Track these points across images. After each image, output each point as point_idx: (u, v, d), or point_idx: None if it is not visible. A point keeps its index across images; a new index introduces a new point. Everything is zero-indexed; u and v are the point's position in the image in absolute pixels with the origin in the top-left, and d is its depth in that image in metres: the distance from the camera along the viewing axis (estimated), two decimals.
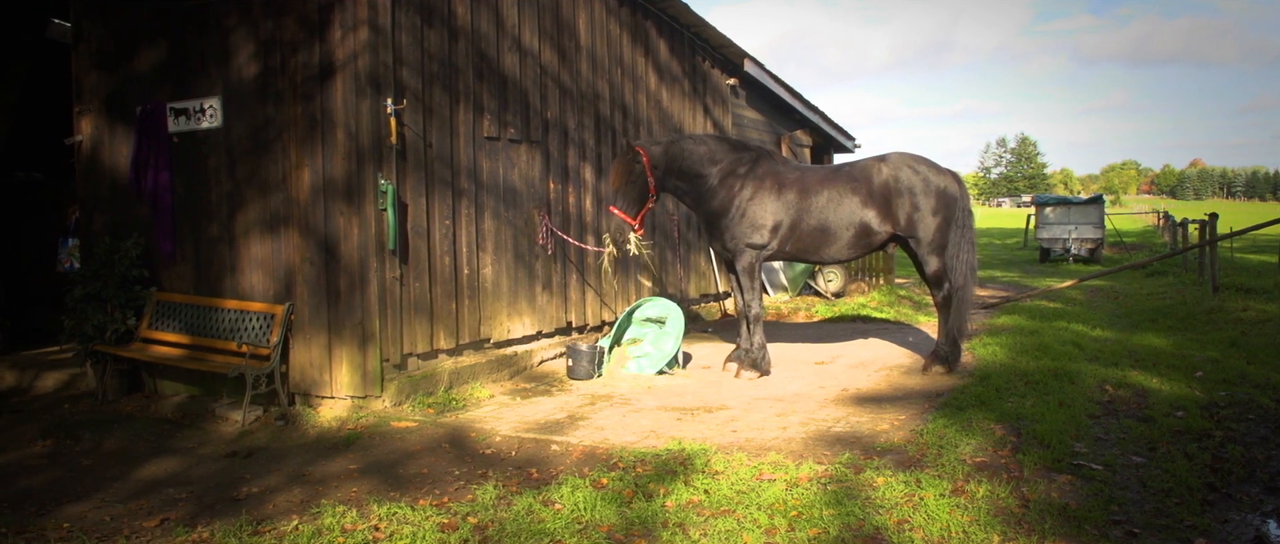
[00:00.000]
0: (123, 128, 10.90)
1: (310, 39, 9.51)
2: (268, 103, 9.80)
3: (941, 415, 8.40)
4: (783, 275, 18.47)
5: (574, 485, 6.83)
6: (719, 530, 5.93)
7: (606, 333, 12.35)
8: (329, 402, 9.54)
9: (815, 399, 9.55)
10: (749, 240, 10.50)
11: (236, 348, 9.76)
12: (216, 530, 6.34)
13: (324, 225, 9.49)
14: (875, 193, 10.45)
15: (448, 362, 10.30)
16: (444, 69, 10.17)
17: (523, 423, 8.87)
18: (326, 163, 9.45)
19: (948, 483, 6.58)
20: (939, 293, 10.62)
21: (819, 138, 22.16)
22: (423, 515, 6.42)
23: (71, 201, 13.70)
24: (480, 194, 10.68)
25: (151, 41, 10.65)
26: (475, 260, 10.61)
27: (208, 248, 10.36)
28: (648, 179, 10.23)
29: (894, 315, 15.82)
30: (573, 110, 12.33)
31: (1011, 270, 28.18)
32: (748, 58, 16.77)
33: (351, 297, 9.38)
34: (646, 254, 11.88)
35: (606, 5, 13.08)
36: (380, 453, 8.14)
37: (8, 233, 14.90)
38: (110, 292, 10.64)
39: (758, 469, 7.05)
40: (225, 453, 8.55)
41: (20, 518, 6.75)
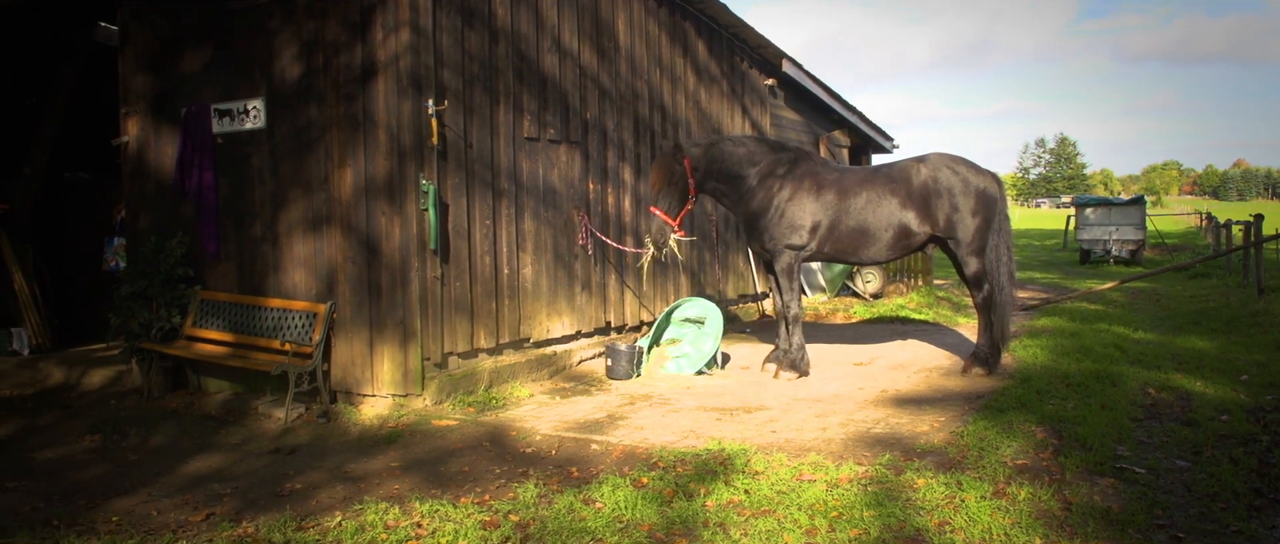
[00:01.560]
0: (168, 129, 11.05)
1: (352, 40, 9.60)
2: (310, 104, 9.91)
3: (982, 417, 8.36)
4: (821, 276, 18.43)
5: (614, 484, 6.87)
6: (760, 530, 5.94)
7: (645, 333, 12.38)
8: (370, 400, 9.62)
9: (854, 400, 9.53)
10: (788, 241, 10.50)
11: (279, 346, 9.86)
12: (261, 525, 6.41)
13: (366, 225, 9.58)
14: (914, 194, 10.42)
15: (488, 361, 10.36)
16: (484, 70, 10.23)
17: (562, 422, 8.92)
18: (368, 163, 9.54)
19: (989, 485, 6.56)
20: (979, 294, 10.57)
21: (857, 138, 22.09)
22: (464, 513, 6.46)
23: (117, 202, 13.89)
24: (520, 194, 10.74)
25: (197, 44, 10.78)
26: (515, 260, 10.67)
27: (251, 247, 10.48)
28: (688, 181, 10.26)
29: (933, 317, 15.74)
30: (612, 111, 12.37)
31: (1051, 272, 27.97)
32: (786, 58, 16.74)
33: (393, 295, 9.46)
34: (683, 256, 11.88)
35: (645, 6, 13.11)
36: (421, 451, 8.20)
37: (56, 232, 15.11)
38: (156, 290, 10.78)
39: (798, 470, 7.05)
40: (268, 449, 8.65)
41: (71, 511, 6.86)
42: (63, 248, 15.16)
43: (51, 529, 6.47)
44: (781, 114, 17.75)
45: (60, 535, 6.33)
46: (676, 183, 10.21)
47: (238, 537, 6.24)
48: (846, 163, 21.07)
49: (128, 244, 11.76)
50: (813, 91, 18.45)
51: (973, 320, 14.66)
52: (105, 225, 14.56)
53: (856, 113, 21.09)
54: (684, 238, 10.57)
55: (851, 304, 17.36)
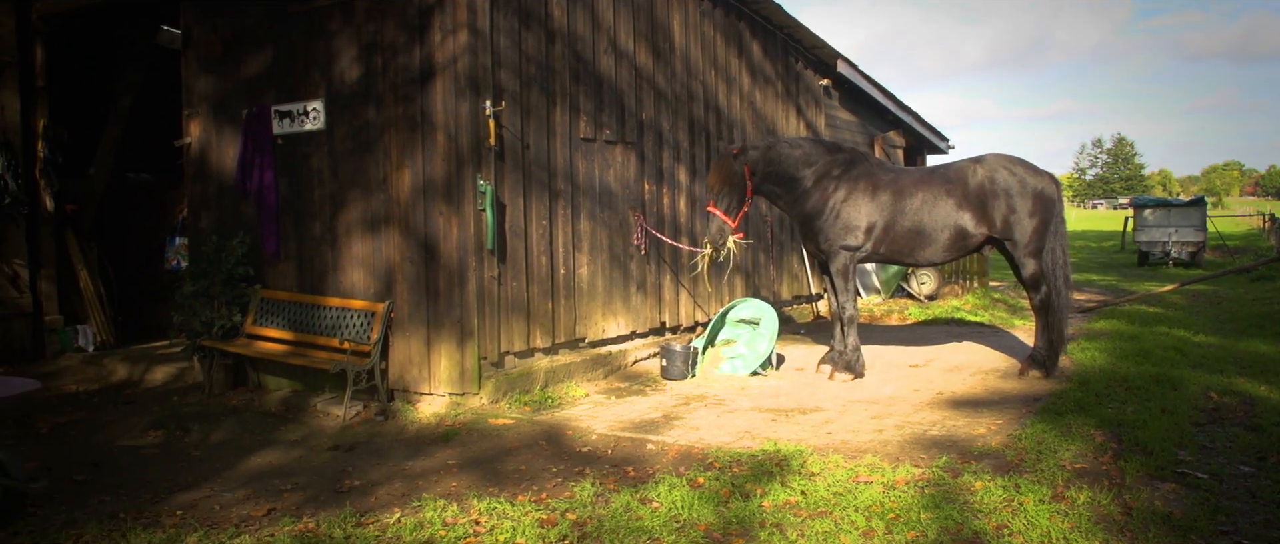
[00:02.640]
0: (229, 130, 11.21)
1: (411, 42, 9.69)
2: (369, 105, 10.01)
3: (1040, 420, 8.29)
4: (876, 277, 18.35)
5: (671, 484, 6.88)
6: (816, 532, 5.94)
7: (700, 333, 12.38)
8: (427, 398, 9.71)
9: (910, 402, 9.49)
10: (843, 242, 10.47)
11: (338, 344, 9.98)
12: (321, 521, 6.49)
13: (424, 225, 9.66)
14: (970, 195, 10.35)
15: (543, 360, 10.42)
16: (541, 71, 10.29)
17: (618, 422, 8.95)
18: (426, 164, 9.62)
19: (1047, 489, 6.50)
20: (1036, 296, 10.48)
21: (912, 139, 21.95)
22: (522, 511, 6.51)
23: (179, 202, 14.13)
24: (576, 195, 10.79)
25: (257, 46, 10.93)
26: (571, 260, 10.72)
27: (311, 247, 10.60)
28: (746, 182, 10.27)
29: (988, 319, 15.62)
30: (667, 112, 12.39)
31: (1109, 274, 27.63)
32: (841, 58, 16.69)
33: (450, 295, 9.54)
34: (738, 258, 11.86)
35: (701, 7, 13.12)
36: (478, 449, 8.27)
37: (120, 232, 15.37)
38: (217, 289, 10.94)
39: (854, 471, 7.04)
40: (327, 446, 8.75)
41: (136, 504, 6.97)
42: (126, 247, 15.41)
43: (118, 522, 6.59)
44: (836, 114, 17.69)
45: (127, 528, 6.45)
46: (734, 184, 10.23)
47: (299, 532, 6.31)
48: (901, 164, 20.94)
49: (189, 243, 11.94)
50: (867, 92, 18.37)
51: (1029, 323, 14.53)
52: (167, 225, 14.81)
53: (911, 113, 20.98)
54: (743, 240, 10.57)
55: (907, 306, 17.26)
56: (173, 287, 12.14)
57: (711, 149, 13.32)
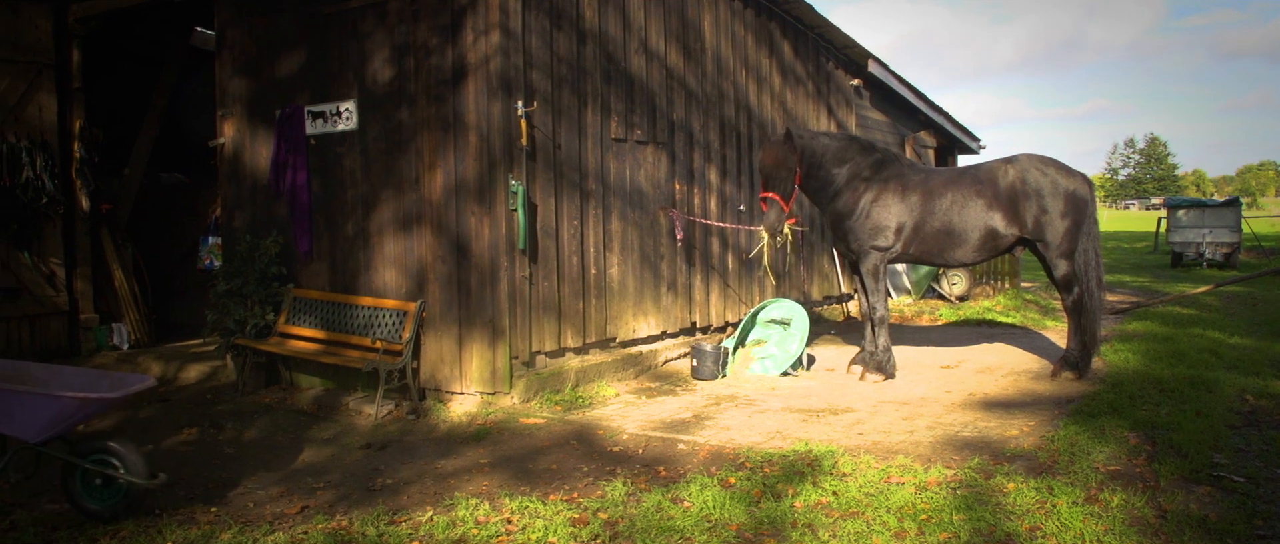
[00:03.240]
0: (263, 130, 11.29)
1: (443, 43, 9.74)
2: (402, 106, 10.06)
3: (1073, 422, 8.25)
4: (906, 278, 18.29)
5: (702, 484, 6.89)
6: (848, 532, 5.94)
7: (730, 333, 12.39)
8: (459, 397, 9.75)
9: (942, 403, 9.46)
10: (873, 242, 10.46)
11: (370, 343, 10.03)
12: (355, 519, 6.53)
13: (456, 225, 9.71)
14: (1001, 195, 10.31)
15: (574, 360, 10.44)
16: (572, 71, 10.32)
17: (649, 421, 8.96)
18: (459, 164, 9.67)
19: (1080, 491, 6.47)
20: (1068, 297, 10.42)
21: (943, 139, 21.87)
22: (553, 510, 6.53)
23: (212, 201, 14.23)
24: (607, 195, 10.81)
25: (291, 47, 11.01)
26: (602, 260, 10.74)
27: (343, 246, 10.67)
28: (796, 168, 10.27)
29: (1020, 320, 15.54)
30: (698, 112, 12.39)
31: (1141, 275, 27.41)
32: (872, 58, 16.65)
33: (482, 295, 9.58)
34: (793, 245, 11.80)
35: (731, 7, 13.12)
36: (510, 448, 8.30)
37: (154, 231, 15.49)
38: (250, 288, 11.02)
39: (886, 472, 7.02)
40: (360, 445, 8.80)
41: (171, 501, 7.03)
42: (160, 247, 15.52)
43: (154, 518, 6.65)
44: (867, 114, 17.65)
45: (162, 524, 6.51)
46: (787, 171, 10.22)
47: (332, 529, 6.36)
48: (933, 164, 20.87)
49: (223, 243, 12.03)
50: (899, 92, 18.31)
51: (1061, 324, 14.45)
52: (200, 225, 14.91)
53: (943, 113, 20.90)
54: (797, 225, 10.56)
55: (937, 306, 17.20)
56: (206, 285, 12.25)
57: (742, 149, 13.32)
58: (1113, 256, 35.13)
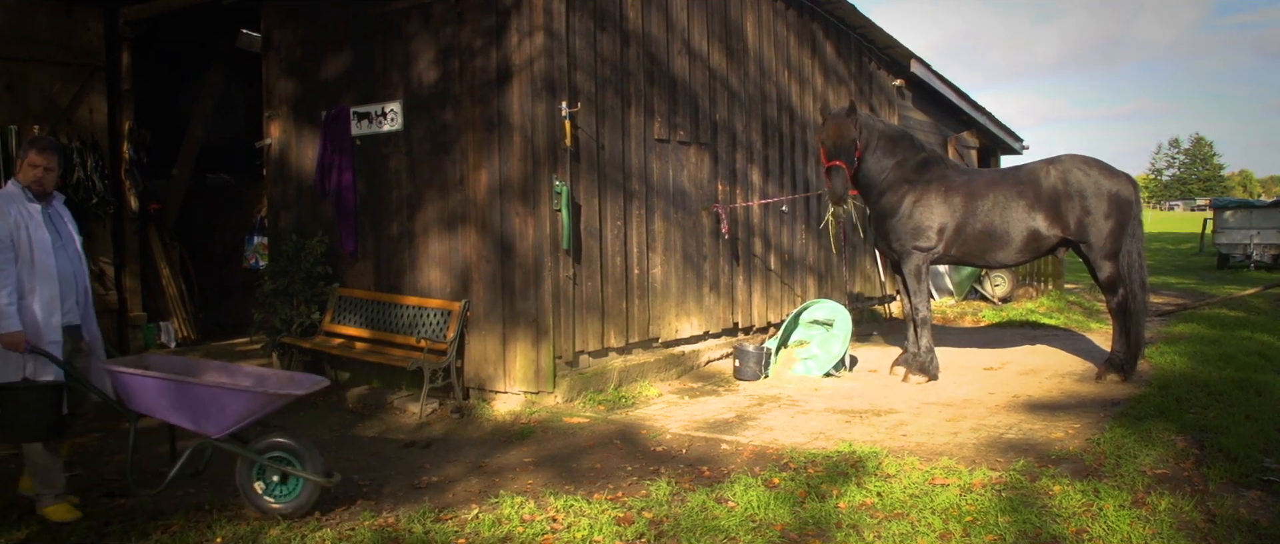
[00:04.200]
0: (309, 131, 11.40)
1: (488, 45, 9.80)
2: (446, 106, 10.14)
3: (1119, 424, 8.18)
4: (948, 279, 18.20)
5: (746, 484, 6.90)
6: (893, 533, 5.93)
7: (772, 334, 12.38)
8: (502, 396, 9.81)
9: (986, 405, 9.41)
10: (915, 243, 10.43)
11: (415, 342, 10.11)
12: (401, 516, 6.58)
13: (500, 225, 9.77)
14: (1043, 197, 10.25)
15: (617, 360, 10.48)
16: (616, 72, 10.35)
17: (692, 421, 8.98)
18: (503, 164, 9.73)
19: (1127, 494, 6.42)
20: (1113, 298, 10.34)
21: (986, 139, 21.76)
22: (598, 508, 6.56)
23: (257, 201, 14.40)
24: (650, 195, 10.84)
25: (337, 49, 11.11)
26: (645, 261, 10.77)
27: (388, 246, 10.75)
28: (856, 144, 10.27)
29: (1063, 322, 15.43)
30: (740, 112, 12.39)
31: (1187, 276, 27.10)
32: (914, 58, 16.59)
33: (526, 294, 9.64)
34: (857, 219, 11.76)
35: (774, 7, 13.11)
36: (553, 447, 8.34)
37: (200, 231, 15.67)
38: (296, 287, 11.13)
39: (930, 474, 7.00)
40: (404, 443, 8.87)
41: (220, 496, 7.11)
42: (206, 246, 15.71)
43: (203, 513, 6.73)
44: (910, 115, 17.58)
45: (211, 519, 6.59)
46: (849, 143, 10.21)
47: (379, 527, 6.41)
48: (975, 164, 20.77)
49: (269, 243, 12.16)
50: (941, 92, 18.24)
51: (1105, 326, 14.32)
52: (245, 224, 15.08)
53: (985, 113, 20.79)
54: (856, 197, 10.56)
55: (980, 308, 17.10)
56: (251, 284, 12.39)
57: (785, 150, 13.32)
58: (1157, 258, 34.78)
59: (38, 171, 6.78)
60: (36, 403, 6.38)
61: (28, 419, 6.38)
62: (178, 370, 7.06)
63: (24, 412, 6.36)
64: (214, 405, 6.44)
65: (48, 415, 6.43)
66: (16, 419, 6.37)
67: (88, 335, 7.08)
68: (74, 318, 6.93)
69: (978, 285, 18.24)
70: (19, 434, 6.47)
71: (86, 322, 7.07)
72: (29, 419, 6.38)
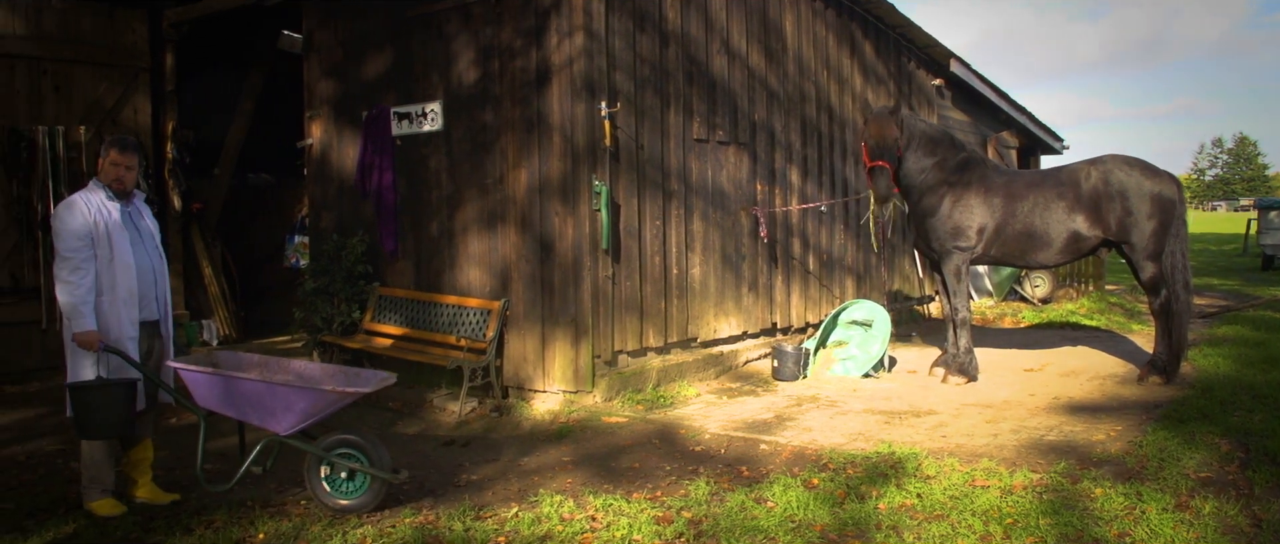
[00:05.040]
0: (349, 131, 11.48)
1: (527, 45, 9.84)
2: (486, 107, 10.19)
3: (1161, 427, 8.11)
4: (988, 280, 18.10)
5: (785, 485, 6.90)
6: (933, 535, 5.91)
7: (811, 334, 12.35)
8: (541, 395, 9.84)
9: (1026, 406, 9.35)
10: (955, 243, 10.39)
11: (454, 341, 10.16)
12: (441, 514, 6.62)
13: (540, 224, 9.80)
14: (1084, 197, 10.18)
15: (656, 360, 10.49)
16: (655, 72, 10.36)
17: (730, 421, 8.98)
18: (542, 164, 9.76)
19: (1171, 497, 6.36)
20: (1155, 300, 10.25)
21: (1026, 139, 21.59)
22: (637, 508, 6.58)
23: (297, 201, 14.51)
24: (689, 196, 10.84)
25: (377, 49, 11.18)
26: (684, 261, 10.77)
27: (428, 245, 10.82)
28: (898, 144, 10.25)
29: (1105, 323, 15.30)
30: (779, 112, 12.37)
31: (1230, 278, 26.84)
32: (954, 58, 16.49)
33: (565, 294, 9.66)
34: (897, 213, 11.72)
35: (813, 7, 13.08)
36: (592, 446, 8.37)
37: (241, 231, 15.81)
38: (337, 286, 11.22)
39: (970, 475, 6.97)
40: (444, 441, 8.93)
41: (262, 493, 7.17)
42: (247, 245, 15.84)
43: (246, 509, 6.80)
44: (949, 115, 17.49)
45: (253, 516, 6.65)
46: (892, 142, 10.20)
47: (419, 524, 6.45)
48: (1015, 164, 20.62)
49: (310, 242, 12.26)
50: (981, 91, 18.12)
51: (1147, 328, 14.21)
52: (286, 224, 15.21)
53: (1025, 113, 20.63)
54: (896, 195, 10.54)
55: (1020, 309, 17.00)
56: (292, 283, 12.50)
57: (824, 149, 13.29)
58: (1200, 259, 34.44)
59: (118, 170, 6.89)
60: (109, 401, 6.45)
61: (100, 417, 6.45)
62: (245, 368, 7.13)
63: (97, 410, 6.44)
64: (281, 402, 6.50)
65: (120, 413, 6.51)
66: (89, 417, 6.45)
67: (164, 332, 7.19)
68: (152, 313, 7.05)
69: (1017, 286, 18.13)
70: (90, 432, 6.54)
71: (164, 319, 7.18)
72: (101, 417, 6.46)
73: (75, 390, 6.49)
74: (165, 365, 7.09)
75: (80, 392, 6.47)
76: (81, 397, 6.45)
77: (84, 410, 6.44)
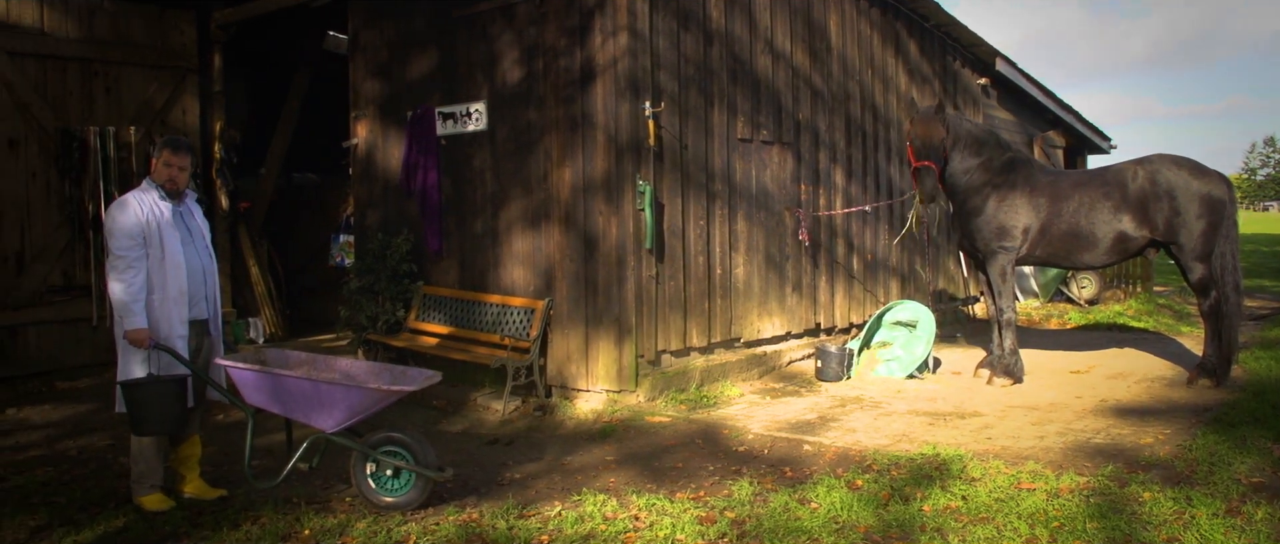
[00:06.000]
0: (394, 131, 11.55)
1: (572, 45, 9.86)
2: (530, 106, 10.22)
3: (1211, 431, 8.00)
4: (1033, 281, 17.95)
5: (829, 485, 6.87)
6: (978, 538, 5.86)
7: (855, 335, 12.30)
8: (585, 394, 9.86)
9: (1072, 409, 9.26)
10: (1000, 243, 10.31)
11: (498, 340, 10.20)
12: (485, 512, 6.65)
13: (584, 224, 9.82)
14: (1130, 197, 10.07)
15: (699, 359, 10.48)
16: (699, 72, 10.36)
17: (774, 422, 8.96)
18: (587, 163, 9.78)
19: (1221, 502, 6.26)
20: (1205, 302, 10.12)
21: (1073, 139, 21.38)
22: (681, 507, 6.57)
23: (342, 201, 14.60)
24: (733, 196, 10.83)
25: (422, 50, 11.25)
26: (728, 260, 10.76)
27: (472, 244, 10.87)
28: (944, 144, 10.21)
29: (1153, 325, 15.13)
30: (823, 112, 12.33)
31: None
32: (999, 56, 16.36)
33: (609, 293, 9.68)
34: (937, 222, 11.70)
35: (857, 6, 13.03)
36: (635, 446, 8.37)
37: (286, 230, 15.94)
38: (382, 285, 11.29)
39: (1016, 478, 6.91)
40: (487, 439, 8.96)
41: (308, 490, 7.24)
42: (292, 244, 15.97)
43: (292, 506, 6.85)
44: (994, 114, 17.35)
45: (299, 512, 6.70)
46: (938, 142, 10.16)
47: (463, 522, 6.49)
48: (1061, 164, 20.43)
49: (355, 241, 12.34)
50: (1027, 90, 17.97)
51: (1196, 330, 14.03)
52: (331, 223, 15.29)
53: (1072, 112, 20.43)
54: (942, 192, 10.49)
55: (1066, 310, 16.85)
56: (337, 282, 12.57)
57: (868, 150, 13.23)
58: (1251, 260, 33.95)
59: (172, 171, 6.99)
60: (161, 398, 6.55)
61: (152, 414, 6.54)
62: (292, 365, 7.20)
63: (150, 406, 6.53)
64: (327, 400, 6.55)
65: (172, 409, 6.60)
66: (142, 414, 6.54)
67: (213, 331, 7.29)
68: (202, 312, 7.15)
69: (1064, 287, 17.96)
70: (143, 429, 6.64)
71: (214, 317, 7.28)
72: (153, 414, 6.55)
73: (128, 387, 6.59)
74: (214, 363, 7.16)
75: (133, 388, 6.56)
76: (134, 393, 6.55)
77: (137, 407, 6.53)
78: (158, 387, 6.57)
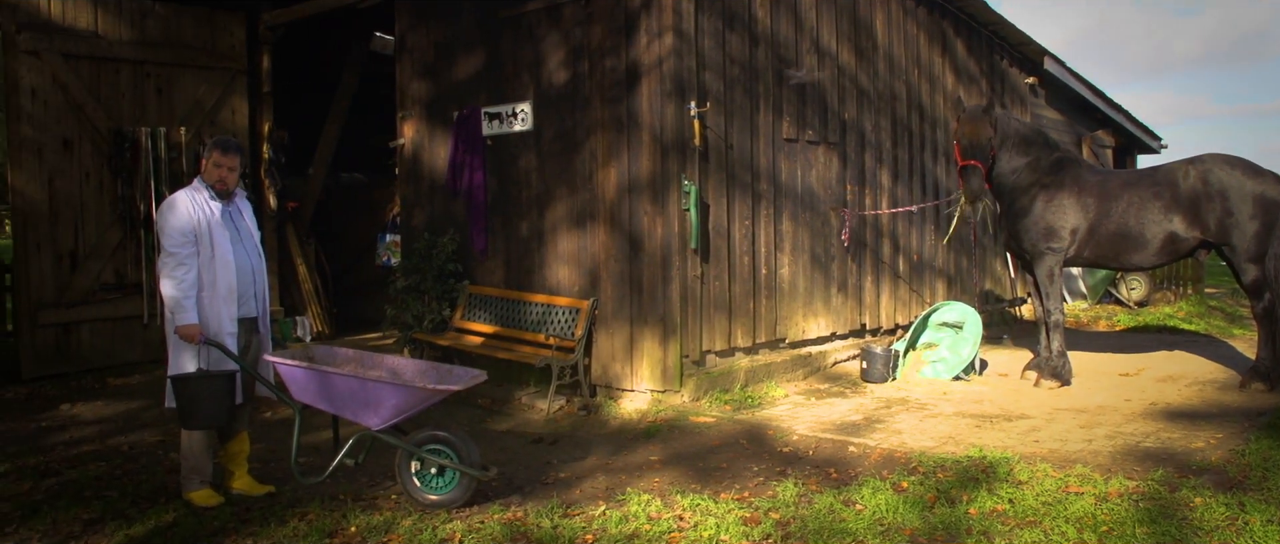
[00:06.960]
0: (441, 131, 11.61)
1: (617, 45, 9.87)
2: (576, 107, 10.24)
3: (1265, 435, 7.88)
4: (1082, 283, 17.77)
5: (875, 487, 6.83)
6: (1025, 542, 5.80)
7: (900, 336, 12.23)
8: (629, 394, 9.87)
9: (1121, 412, 9.16)
10: (1048, 244, 10.22)
11: (543, 340, 10.22)
12: (529, 511, 6.66)
13: (629, 224, 9.83)
14: (1181, 198, 9.94)
15: (744, 360, 10.46)
16: (744, 72, 10.34)
17: (819, 423, 8.93)
18: (632, 163, 9.79)
19: (1275, 508, 6.15)
20: (1258, 304, 9.97)
21: (1122, 138, 21.16)
22: (725, 508, 6.55)
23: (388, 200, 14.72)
24: (778, 196, 10.80)
25: (468, 50, 11.29)
26: (773, 261, 10.74)
27: (517, 244, 10.90)
28: (991, 144, 10.14)
29: (1204, 327, 14.94)
30: (869, 112, 12.28)
31: None
32: (1048, 55, 16.22)
33: (654, 293, 9.68)
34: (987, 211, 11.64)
35: (903, 5, 12.96)
36: (680, 446, 8.36)
37: (334, 229, 16.07)
38: (428, 284, 11.35)
39: (1064, 481, 6.85)
40: (532, 438, 8.97)
41: (355, 488, 7.27)
42: (339, 243, 16.10)
43: (339, 503, 6.89)
44: (1042, 113, 17.20)
45: (346, 509, 6.74)
46: (985, 141, 10.10)
47: (508, 521, 6.50)
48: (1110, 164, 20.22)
49: (402, 241, 12.41)
50: (1075, 89, 17.80)
51: (1248, 333, 13.84)
52: (378, 222, 15.42)
53: (1122, 111, 20.22)
54: (988, 191, 10.42)
55: (1115, 312, 16.68)
56: (383, 281, 12.66)
57: (914, 150, 13.16)
58: None
59: (222, 171, 7.07)
60: (210, 392, 6.64)
61: (200, 408, 6.63)
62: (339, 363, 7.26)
63: (198, 401, 6.62)
64: (374, 398, 6.60)
65: (221, 403, 6.69)
66: (191, 407, 6.63)
67: (261, 328, 7.38)
68: (251, 310, 7.23)
69: (1113, 289, 17.77)
70: (192, 422, 6.73)
71: (262, 315, 7.37)
72: (203, 407, 6.63)
73: (178, 381, 6.67)
74: (263, 360, 7.24)
75: (182, 382, 6.65)
76: (184, 387, 6.63)
77: (187, 400, 6.62)
78: (207, 381, 6.66)
